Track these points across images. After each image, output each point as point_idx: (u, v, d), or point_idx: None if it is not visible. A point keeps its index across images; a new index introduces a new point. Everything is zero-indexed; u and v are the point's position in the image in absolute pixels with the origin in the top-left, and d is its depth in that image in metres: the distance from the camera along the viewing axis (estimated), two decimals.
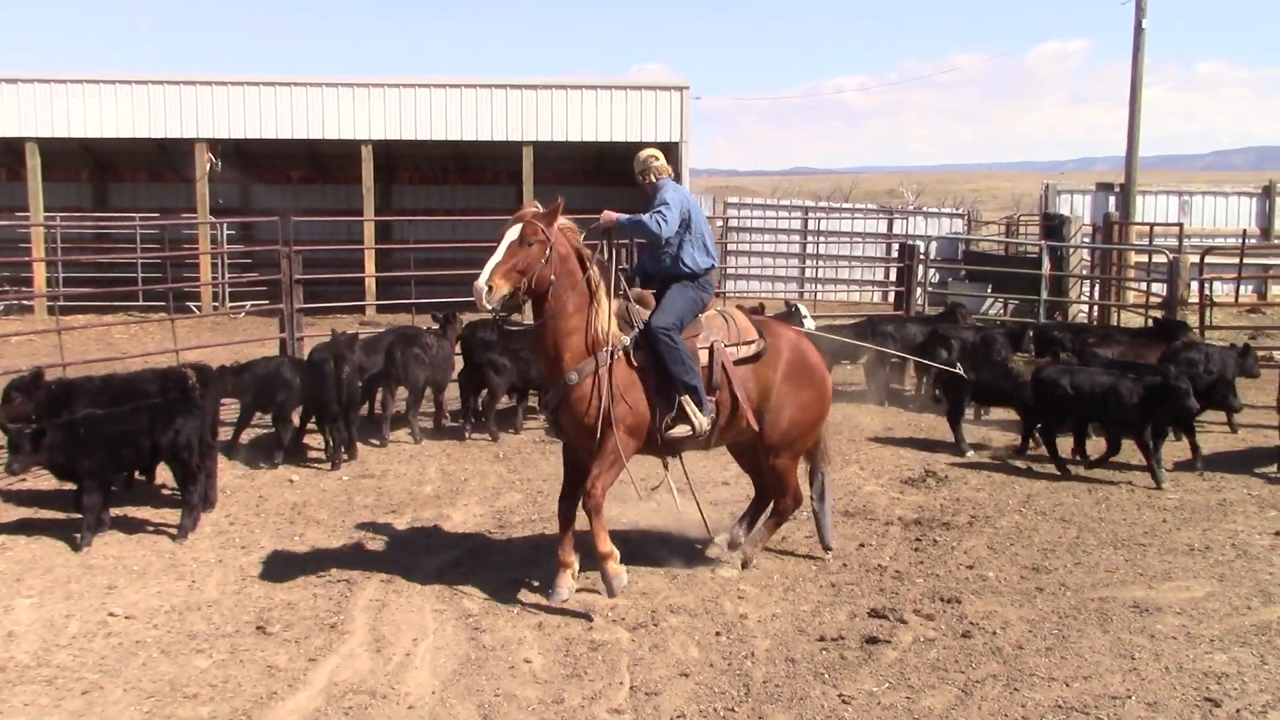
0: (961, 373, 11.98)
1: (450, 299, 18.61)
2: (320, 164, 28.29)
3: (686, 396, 7.56)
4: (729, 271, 27.43)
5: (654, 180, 8.05)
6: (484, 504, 10.00)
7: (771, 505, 8.36)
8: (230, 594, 7.69)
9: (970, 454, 11.93)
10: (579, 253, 7.46)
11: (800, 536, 8.97)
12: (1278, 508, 9.96)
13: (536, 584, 7.86)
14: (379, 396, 12.94)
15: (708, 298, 8.02)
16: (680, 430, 7.65)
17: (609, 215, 7.87)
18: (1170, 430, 11.44)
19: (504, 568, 8.29)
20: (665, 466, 8.17)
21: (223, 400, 11.52)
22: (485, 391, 12.89)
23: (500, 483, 10.72)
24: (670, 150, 25.94)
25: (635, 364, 7.54)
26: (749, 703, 6.09)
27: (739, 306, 8.65)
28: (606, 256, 7.82)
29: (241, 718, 5.90)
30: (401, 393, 12.81)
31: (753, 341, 7.97)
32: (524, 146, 25.19)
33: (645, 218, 7.77)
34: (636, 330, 7.60)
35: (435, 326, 13.51)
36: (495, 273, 7.07)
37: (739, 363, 7.88)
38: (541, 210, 7.37)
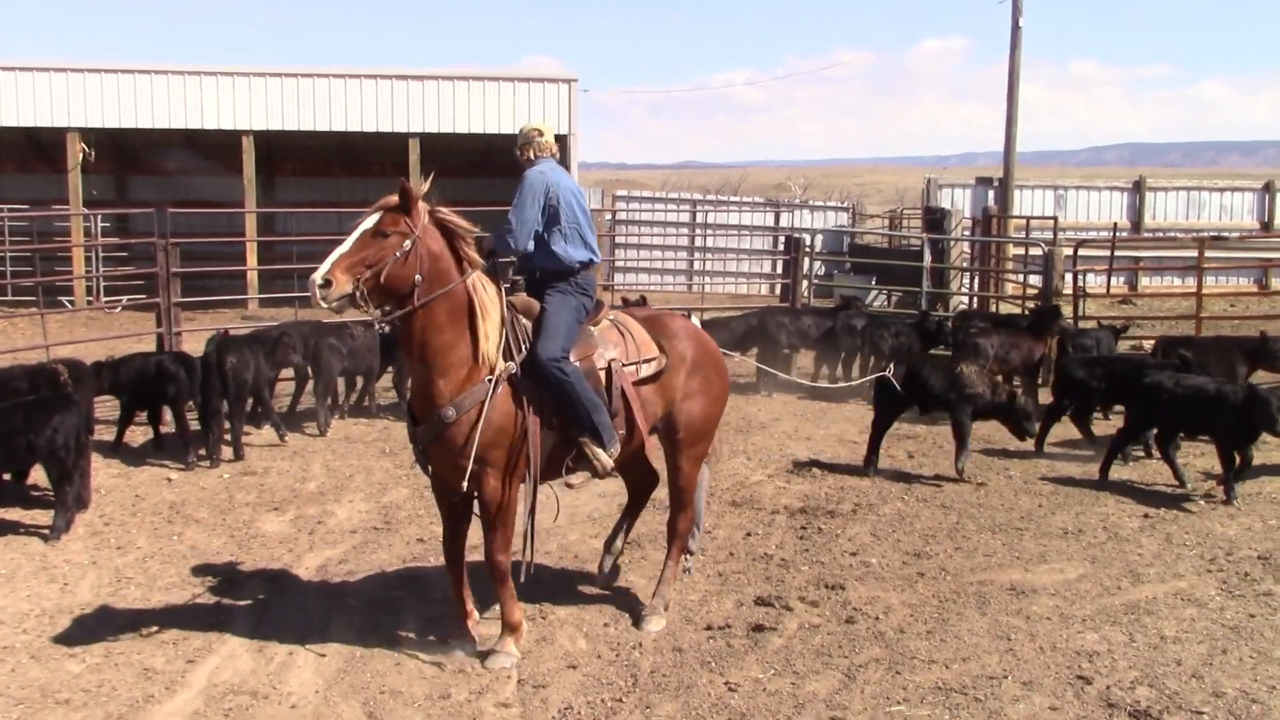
0: (890, 376, 10.97)
1: None
2: (199, 154, 27.60)
3: (587, 437, 6.58)
4: (617, 264, 27.48)
5: (532, 158, 6.91)
6: (370, 500, 9.87)
7: (668, 526, 7.48)
8: (105, 596, 7.47)
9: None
10: (456, 251, 6.35)
11: None
12: (1146, 490, 10.30)
13: (423, 579, 7.79)
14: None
15: (590, 301, 6.94)
16: (579, 477, 6.83)
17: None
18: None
19: (390, 563, 8.19)
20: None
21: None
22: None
23: (386, 478, 10.59)
24: (559, 143, 25.90)
25: (523, 394, 6.43)
26: (636, 693, 6.11)
27: (624, 299, 8.03)
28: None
29: None
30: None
31: (653, 359, 7.00)
32: (410, 138, 24.88)
33: (497, 234, 6.73)
34: (524, 352, 6.48)
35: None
36: (337, 266, 5.99)
37: (640, 383, 6.92)
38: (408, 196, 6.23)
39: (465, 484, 6.30)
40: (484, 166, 28.82)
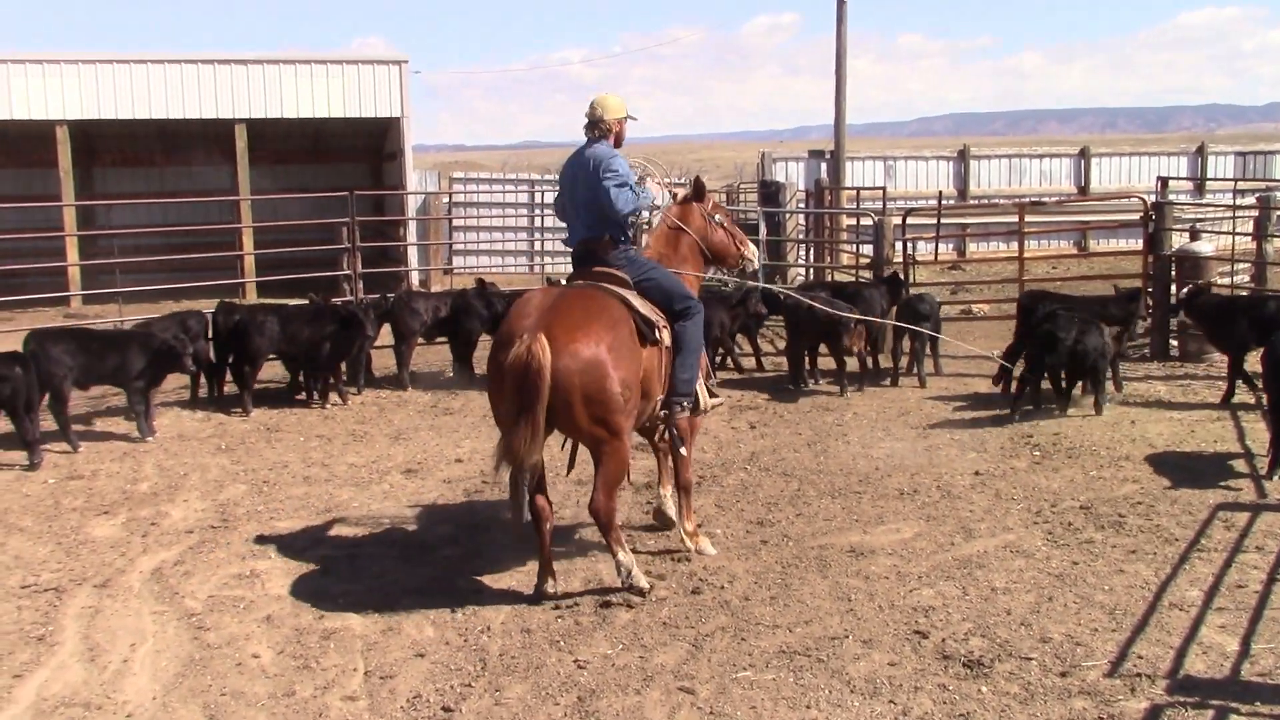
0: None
1: (162, 285, 17.75)
2: (10, 146, 26.29)
3: None
4: (457, 247, 27.21)
5: (590, 139, 7.85)
6: (206, 498, 9.58)
7: None
8: None
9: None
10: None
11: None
12: (977, 449, 10.68)
13: (263, 576, 7.61)
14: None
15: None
16: None
17: None
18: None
19: (229, 563, 7.97)
20: None
21: None
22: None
23: (223, 475, 10.29)
24: (392, 125, 25.49)
25: None
26: (485, 676, 6.09)
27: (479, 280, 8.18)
28: None
29: None
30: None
31: None
32: (237, 124, 24.17)
33: None
34: None
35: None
36: None
37: None
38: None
39: None
40: (315, 152, 28.21)
